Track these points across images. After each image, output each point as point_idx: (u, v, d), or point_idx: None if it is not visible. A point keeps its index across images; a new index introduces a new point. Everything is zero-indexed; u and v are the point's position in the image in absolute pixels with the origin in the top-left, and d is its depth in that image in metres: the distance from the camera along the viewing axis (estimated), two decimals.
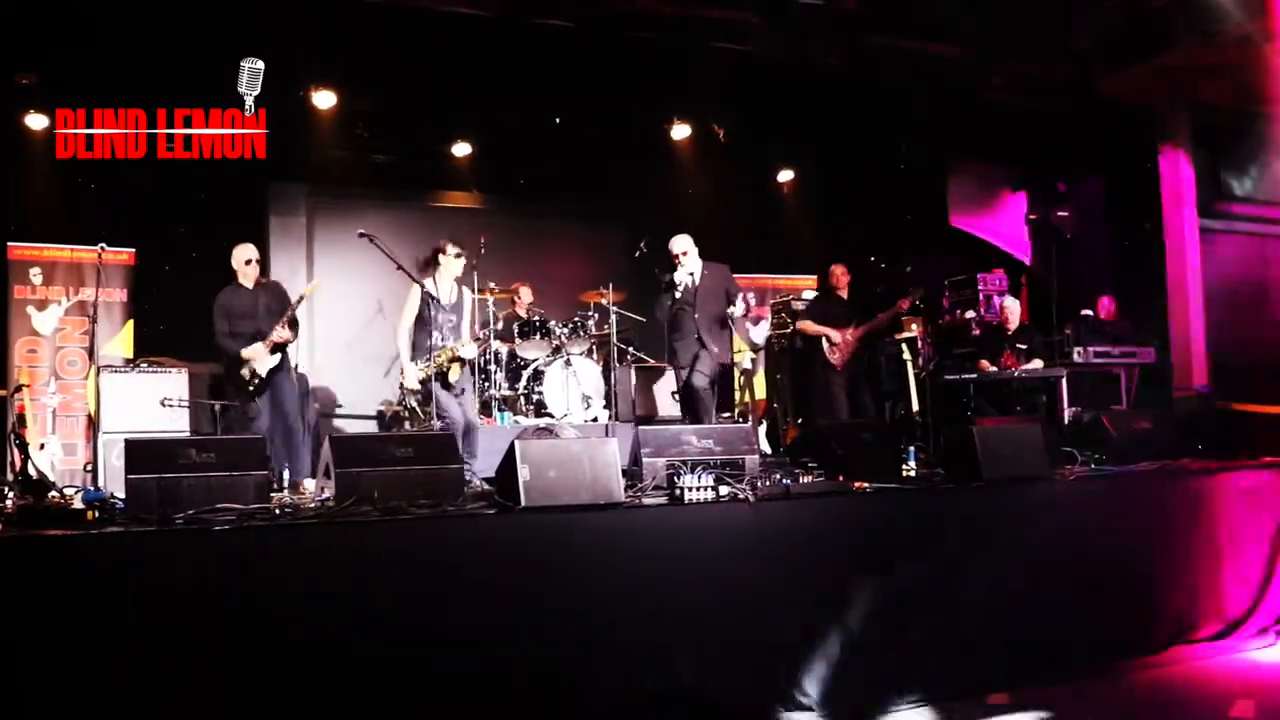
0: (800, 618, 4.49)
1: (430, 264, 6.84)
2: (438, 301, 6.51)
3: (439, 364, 6.41)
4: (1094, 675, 5.03)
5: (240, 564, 3.70)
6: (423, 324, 6.52)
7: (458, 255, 6.73)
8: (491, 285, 8.69)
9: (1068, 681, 4.94)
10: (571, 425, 7.64)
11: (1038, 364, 7.96)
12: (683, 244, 7.12)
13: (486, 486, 5.11)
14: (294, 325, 6.65)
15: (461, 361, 6.53)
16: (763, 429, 9.61)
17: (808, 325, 8.22)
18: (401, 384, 6.84)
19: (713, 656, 4.29)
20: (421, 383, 6.47)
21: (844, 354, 7.92)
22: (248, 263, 6.73)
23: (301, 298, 6.71)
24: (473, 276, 8.14)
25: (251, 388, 6.52)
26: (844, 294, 8.21)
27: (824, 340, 7.99)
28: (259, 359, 6.52)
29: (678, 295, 7.04)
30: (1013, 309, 8.43)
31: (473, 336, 6.67)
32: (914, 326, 9.59)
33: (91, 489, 5.18)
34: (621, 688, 4.13)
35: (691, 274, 7.07)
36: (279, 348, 6.59)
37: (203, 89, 7.61)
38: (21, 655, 3.34)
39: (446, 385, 6.46)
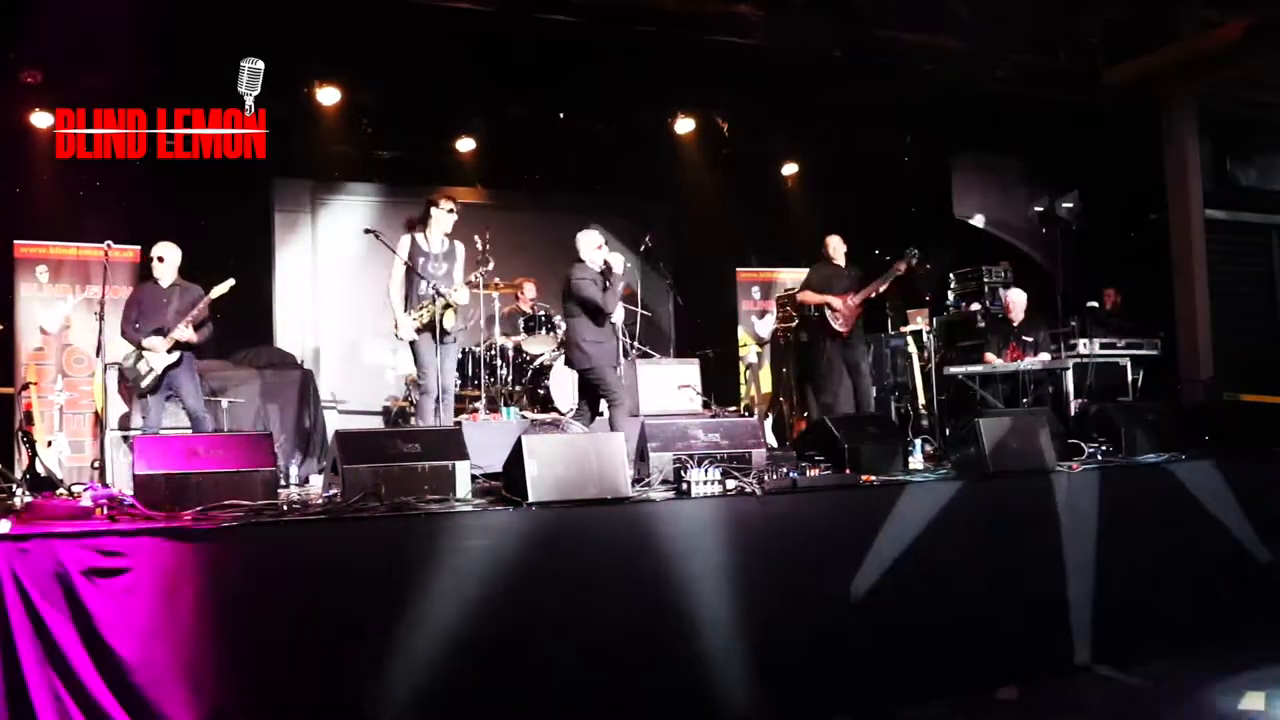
0: (807, 611, 4.49)
1: (422, 219, 6.72)
2: (427, 253, 6.45)
3: (432, 312, 6.33)
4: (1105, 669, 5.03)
5: (248, 560, 3.70)
6: (412, 275, 6.48)
7: (450, 210, 6.60)
8: (496, 280, 8.69)
9: (1076, 675, 4.95)
10: (578, 420, 7.64)
11: (1044, 357, 7.94)
12: (600, 236, 6.70)
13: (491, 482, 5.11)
14: (201, 326, 6.53)
15: (455, 308, 6.46)
16: (769, 422, 9.61)
17: (808, 295, 8.13)
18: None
19: (720, 651, 4.29)
20: (417, 332, 6.40)
21: (847, 320, 7.86)
22: (160, 260, 6.61)
23: (207, 299, 6.53)
24: (477, 271, 8.15)
25: (144, 382, 6.45)
26: (841, 263, 8.17)
27: (826, 309, 7.94)
28: (156, 353, 6.44)
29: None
30: (1018, 301, 8.40)
31: (465, 281, 6.54)
32: (919, 319, 9.57)
33: (99, 486, 5.18)
34: (627, 683, 4.14)
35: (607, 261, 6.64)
36: (179, 346, 6.50)
37: (203, 89, 7.61)
38: (31, 651, 3.34)
39: (442, 333, 6.38)
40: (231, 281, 6.60)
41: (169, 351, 6.47)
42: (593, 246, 6.61)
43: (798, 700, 4.40)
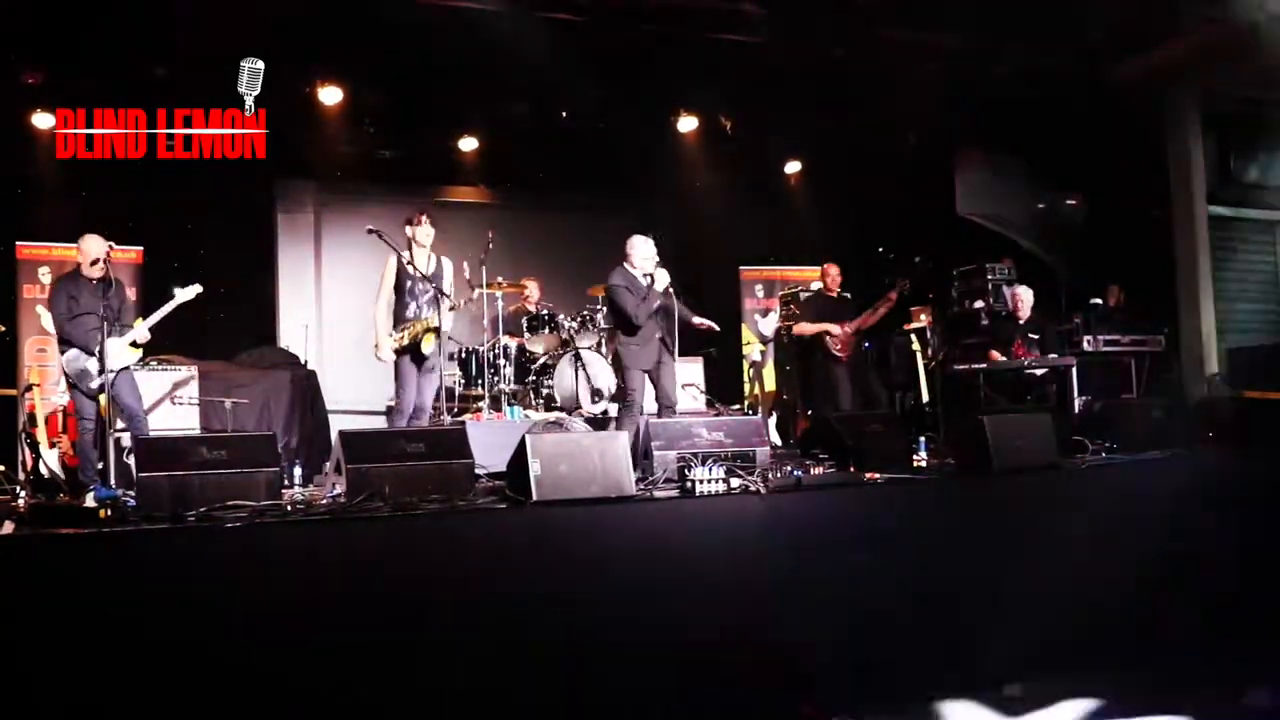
0: (812, 610, 4.48)
1: (407, 242, 6.59)
2: (414, 276, 6.34)
3: (413, 335, 6.28)
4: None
5: (252, 561, 3.70)
6: (400, 295, 6.41)
7: (428, 224, 6.52)
8: (499, 279, 8.68)
9: (1077, 673, 4.93)
10: (581, 419, 7.64)
11: (1050, 355, 7.93)
12: (652, 245, 6.69)
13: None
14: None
15: (437, 332, 6.34)
16: (772, 420, 9.60)
17: (804, 327, 8.33)
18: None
19: (724, 650, 4.28)
20: (397, 353, 6.31)
21: (845, 346, 8.01)
22: (100, 256, 6.28)
23: (176, 302, 6.32)
24: (481, 271, 8.16)
25: (93, 383, 6.14)
26: (834, 293, 8.32)
27: (825, 335, 8.07)
28: (117, 352, 6.19)
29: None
30: (1027, 298, 8.36)
31: (449, 306, 6.46)
32: (923, 317, 9.56)
33: (103, 488, 5.18)
34: (631, 682, 4.13)
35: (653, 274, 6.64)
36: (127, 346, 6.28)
37: (203, 89, 7.61)
38: (34, 654, 3.34)
39: (420, 358, 6.31)
40: (198, 287, 6.40)
41: (123, 350, 6.26)
42: (645, 256, 6.61)
43: (802, 695, 4.39)
